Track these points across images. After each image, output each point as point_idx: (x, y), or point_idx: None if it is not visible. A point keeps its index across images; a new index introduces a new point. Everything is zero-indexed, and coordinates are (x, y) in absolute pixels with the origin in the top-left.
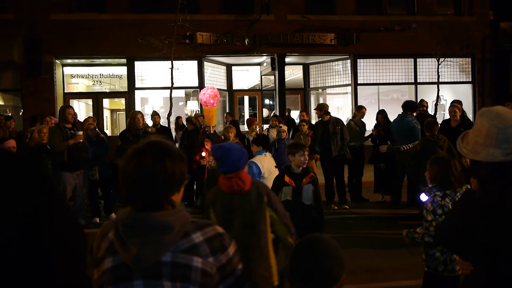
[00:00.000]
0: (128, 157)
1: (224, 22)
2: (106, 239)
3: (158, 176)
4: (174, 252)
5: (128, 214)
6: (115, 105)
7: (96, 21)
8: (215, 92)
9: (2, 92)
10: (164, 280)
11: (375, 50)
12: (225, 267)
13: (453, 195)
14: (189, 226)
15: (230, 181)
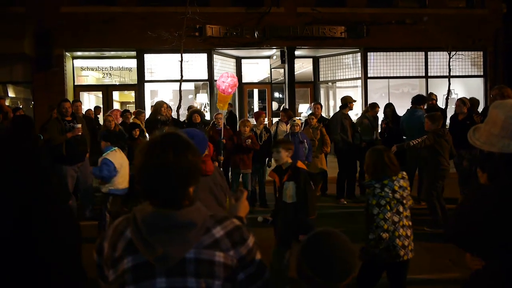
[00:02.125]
0: (148, 150)
1: (234, 14)
2: (123, 238)
3: (181, 169)
4: (197, 248)
5: (150, 211)
6: (125, 97)
7: (106, 13)
8: (235, 82)
9: (13, 85)
10: (188, 277)
11: (385, 43)
12: (245, 258)
13: (391, 184)
14: (209, 221)
15: None
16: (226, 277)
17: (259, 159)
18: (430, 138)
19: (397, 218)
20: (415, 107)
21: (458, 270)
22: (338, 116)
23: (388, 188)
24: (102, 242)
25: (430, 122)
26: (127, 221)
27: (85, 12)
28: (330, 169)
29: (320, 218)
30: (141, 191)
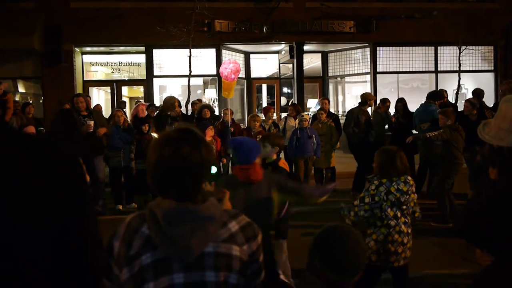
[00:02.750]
0: (163, 144)
1: (242, 9)
2: (138, 235)
3: (196, 164)
4: (216, 242)
5: (171, 206)
6: (134, 92)
7: (115, 9)
8: (237, 67)
9: (23, 80)
10: (207, 270)
11: (395, 38)
12: (254, 253)
13: (388, 184)
14: (225, 215)
15: (247, 172)
16: (240, 271)
17: None
18: (446, 132)
19: (394, 222)
20: (429, 102)
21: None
22: (355, 111)
23: (384, 188)
24: (112, 241)
25: (444, 117)
26: (142, 217)
27: (94, 7)
28: (339, 164)
29: (331, 213)
30: (153, 186)
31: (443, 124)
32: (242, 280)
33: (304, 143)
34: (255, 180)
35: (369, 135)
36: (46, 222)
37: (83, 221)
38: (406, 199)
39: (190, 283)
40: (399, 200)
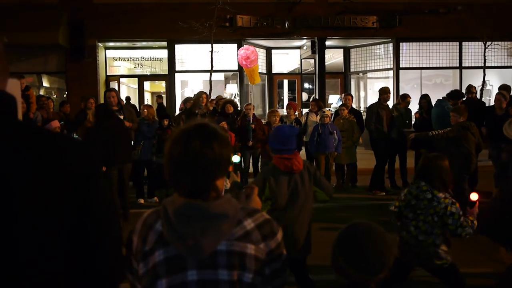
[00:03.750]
0: (175, 139)
1: (264, 4)
2: (153, 231)
3: (206, 160)
4: (229, 240)
5: (181, 203)
6: (156, 87)
7: (138, 4)
8: (248, 54)
9: (48, 75)
10: (220, 269)
11: (418, 33)
12: (273, 252)
13: (409, 187)
14: (240, 213)
15: (290, 162)
16: (256, 270)
17: None
18: (453, 130)
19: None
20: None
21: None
22: (375, 106)
23: (410, 194)
24: (131, 235)
25: (456, 115)
26: (157, 213)
27: (117, 2)
28: (360, 160)
29: (353, 210)
30: (168, 181)
31: (455, 121)
32: (258, 279)
33: (325, 139)
34: (297, 170)
35: (392, 132)
36: (62, 220)
37: (102, 221)
38: (417, 204)
39: (204, 281)
40: (410, 203)
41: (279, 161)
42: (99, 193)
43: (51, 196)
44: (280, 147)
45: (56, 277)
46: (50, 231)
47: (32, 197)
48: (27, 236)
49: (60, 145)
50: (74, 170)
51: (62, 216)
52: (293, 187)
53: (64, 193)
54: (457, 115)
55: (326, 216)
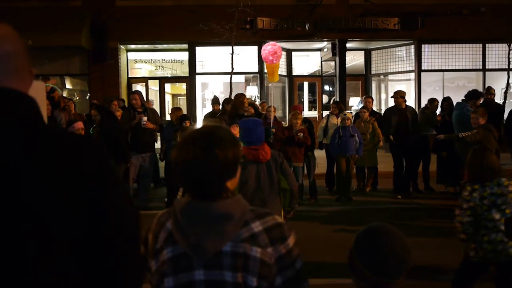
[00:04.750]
0: (182, 144)
1: (284, 7)
2: (164, 229)
3: (210, 165)
4: (234, 241)
5: (187, 203)
6: (176, 89)
7: (159, 7)
8: (275, 49)
9: (71, 77)
10: (225, 270)
11: (440, 35)
12: (284, 258)
13: (481, 189)
14: (249, 214)
15: (257, 152)
16: (262, 274)
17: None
18: (480, 132)
19: (491, 224)
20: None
21: None
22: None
23: (477, 193)
24: (147, 233)
25: (476, 117)
26: (169, 213)
27: (139, 5)
28: (381, 163)
29: (374, 213)
30: (178, 182)
31: (476, 123)
32: (264, 284)
33: (346, 142)
34: (263, 159)
35: (408, 137)
36: (74, 221)
37: (116, 222)
38: (503, 201)
39: (210, 281)
40: (495, 203)
41: (248, 151)
42: (113, 193)
43: (63, 197)
44: (248, 140)
45: (66, 278)
46: (61, 232)
47: (43, 198)
48: (37, 237)
49: (74, 147)
50: (87, 171)
51: (73, 217)
52: (260, 175)
53: (76, 194)
54: (478, 117)
55: (345, 218)
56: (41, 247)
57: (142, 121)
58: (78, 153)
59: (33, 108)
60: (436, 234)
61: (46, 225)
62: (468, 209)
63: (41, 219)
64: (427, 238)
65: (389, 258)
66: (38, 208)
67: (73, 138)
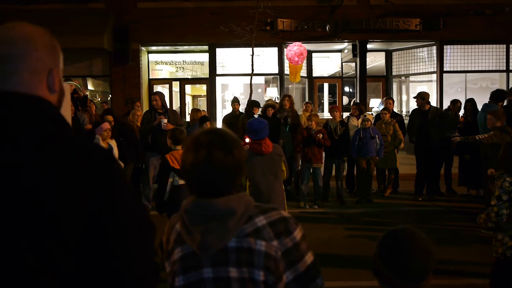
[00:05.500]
0: (187, 147)
1: (305, 8)
2: (174, 230)
3: (215, 167)
4: (239, 237)
5: (191, 202)
6: (197, 91)
7: (180, 9)
8: (301, 51)
9: (93, 78)
10: (230, 266)
11: (463, 35)
12: (291, 252)
13: None
14: (253, 210)
15: (260, 146)
16: (268, 268)
17: (335, 154)
18: (497, 134)
19: None
20: (490, 103)
21: None
22: (412, 112)
23: None
24: (162, 236)
25: (493, 118)
26: (179, 214)
27: (160, 7)
28: (402, 165)
29: (395, 215)
30: (187, 184)
31: (492, 125)
32: (271, 278)
33: (367, 143)
34: (265, 151)
35: (430, 139)
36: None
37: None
38: None
39: (218, 278)
40: None
41: (252, 146)
42: (121, 200)
43: (68, 203)
44: (253, 137)
45: (68, 284)
46: (63, 249)
47: (47, 203)
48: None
49: (82, 154)
50: (95, 177)
51: (76, 233)
52: (264, 165)
53: (82, 199)
54: (495, 118)
55: (366, 221)
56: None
57: (162, 122)
58: (85, 161)
59: (46, 112)
60: (457, 237)
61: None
62: (507, 200)
63: (40, 226)
64: (448, 241)
65: (413, 261)
66: (37, 217)
67: (82, 146)
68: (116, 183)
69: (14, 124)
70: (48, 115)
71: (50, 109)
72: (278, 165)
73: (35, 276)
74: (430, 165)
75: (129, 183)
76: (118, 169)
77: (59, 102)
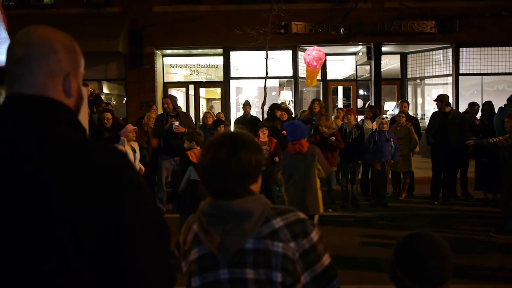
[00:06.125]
0: (205, 149)
1: (319, 11)
2: (191, 231)
3: (234, 169)
4: (256, 238)
5: (209, 203)
6: (211, 94)
7: (194, 12)
8: (320, 55)
9: (108, 82)
10: (247, 268)
11: (479, 38)
12: (308, 253)
13: None
14: (270, 212)
15: (295, 146)
16: (286, 269)
17: (350, 157)
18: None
19: None
20: (507, 106)
21: None
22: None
23: None
24: (179, 237)
25: (510, 121)
26: (197, 215)
27: (175, 11)
28: (417, 169)
29: (410, 219)
30: (201, 186)
31: (510, 128)
32: (289, 280)
33: (382, 146)
34: (300, 151)
35: (448, 141)
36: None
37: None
38: None
39: (234, 280)
40: None
41: (290, 146)
42: (135, 203)
43: (84, 206)
44: (291, 139)
45: None
46: (78, 255)
47: (63, 206)
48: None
49: (94, 157)
50: (109, 181)
51: (90, 239)
52: (299, 164)
53: (97, 203)
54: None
55: (380, 224)
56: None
57: (174, 125)
58: (98, 165)
59: (60, 116)
60: (474, 242)
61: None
62: None
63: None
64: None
65: (430, 266)
66: (54, 221)
67: (95, 150)
68: (131, 187)
69: (28, 127)
70: (63, 118)
71: (66, 112)
72: (311, 164)
73: (52, 281)
74: (446, 169)
75: (144, 186)
76: (133, 172)
77: (77, 107)
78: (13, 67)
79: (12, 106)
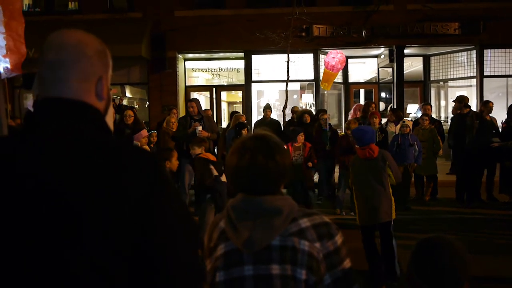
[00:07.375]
0: (233, 150)
1: (340, 14)
2: (217, 228)
3: (271, 171)
4: (282, 236)
5: (238, 198)
6: (232, 97)
7: (216, 16)
8: (343, 59)
9: (131, 86)
10: (273, 264)
11: (504, 39)
12: (332, 255)
13: None
14: (297, 212)
15: (364, 151)
16: (311, 267)
17: None
18: None
19: None
20: None
21: None
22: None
23: None
24: (203, 236)
25: None
26: (223, 214)
27: (196, 15)
28: (441, 172)
29: (433, 223)
30: (232, 187)
31: None
32: (312, 278)
33: (405, 150)
34: (370, 157)
35: (466, 144)
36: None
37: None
38: None
39: (259, 276)
40: None
41: (358, 151)
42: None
43: (112, 217)
44: (358, 144)
45: None
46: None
47: (90, 216)
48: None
49: (125, 162)
50: (137, 188)
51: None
52: (368, 170)
53: (125, 213)
54: None
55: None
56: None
57: (197, 130)
58: (127, 171)
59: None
60: (498, 246)
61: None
62: None
63: (82, 237)
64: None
65: (447, 270)
66: (79, 227)
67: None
68: (165, 187)
69: (62, 131)
70: (95, 122)
71: (98, 116)
72: (383, 170)
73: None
74: (467, 171)
75: (175, 187)
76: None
77: (106, 109)
78: (47, 71)
79: (49, 109)
